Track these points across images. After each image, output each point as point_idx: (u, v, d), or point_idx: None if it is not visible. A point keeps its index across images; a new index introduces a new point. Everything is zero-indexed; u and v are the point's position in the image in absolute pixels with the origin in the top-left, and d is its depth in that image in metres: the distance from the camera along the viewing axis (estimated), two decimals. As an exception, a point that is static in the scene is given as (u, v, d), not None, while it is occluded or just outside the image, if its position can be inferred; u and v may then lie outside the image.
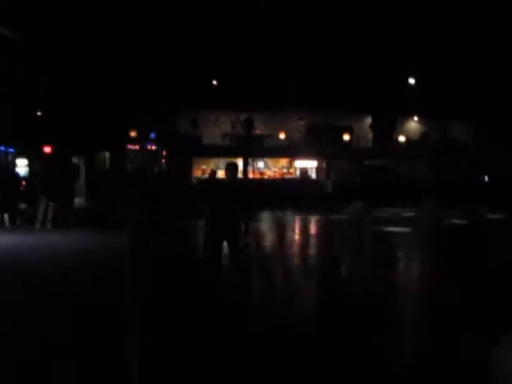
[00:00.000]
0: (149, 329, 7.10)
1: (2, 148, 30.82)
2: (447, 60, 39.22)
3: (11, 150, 31.63)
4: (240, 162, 40.92)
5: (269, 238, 18.43)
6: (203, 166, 40.17)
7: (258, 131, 41.41)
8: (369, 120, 44.57)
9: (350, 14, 37.87)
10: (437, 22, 38.00)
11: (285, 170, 42.55)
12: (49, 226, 17.40)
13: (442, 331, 7.51)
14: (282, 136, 41.43)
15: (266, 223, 23.56)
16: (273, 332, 7.34)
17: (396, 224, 22.27)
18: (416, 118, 45.76)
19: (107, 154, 37.06)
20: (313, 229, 23.22)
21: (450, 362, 6.32)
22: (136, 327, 7.03)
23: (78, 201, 26.63)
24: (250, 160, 40.55)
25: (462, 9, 37.64)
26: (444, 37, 38.56)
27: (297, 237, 19.96)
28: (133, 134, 36.40)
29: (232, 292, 8.96)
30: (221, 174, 38.18)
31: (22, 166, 31.08)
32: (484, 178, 43.86)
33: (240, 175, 40.29)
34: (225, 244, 8.78)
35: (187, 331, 7.12)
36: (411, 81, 42.68)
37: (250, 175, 40.11)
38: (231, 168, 8.90)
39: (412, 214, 27.43)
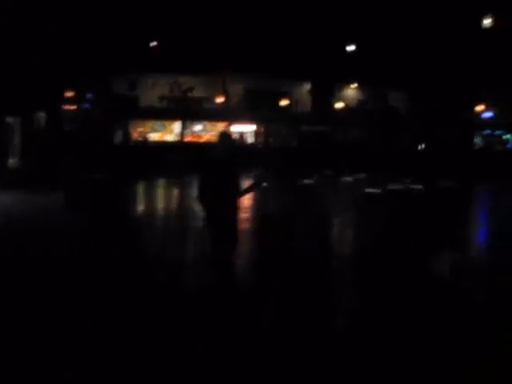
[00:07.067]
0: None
1: None
2: (384, 27, 39.88)
3: None
4: (177, 125, 40.96)
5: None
6: (140, 129, 40.00)
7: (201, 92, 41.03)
8: (308, 86, 45.03)
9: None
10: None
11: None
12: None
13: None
14: (220, 99, 41.41)
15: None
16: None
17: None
18: (354, 85, 46.41)
19: (43, 115, 36.52)
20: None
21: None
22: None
23: (12, 161, 26.52)
24: (186, 123, 40.50)
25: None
26: (381, 5, 39.26)
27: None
28: (69, 94, 35.88)
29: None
30: (154, 136, 38.54)
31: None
32: (421, 147, 44.82)
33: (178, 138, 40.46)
34: None
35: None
36: (350, 48, 43.33)
37: (187, 139, 40.13)
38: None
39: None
